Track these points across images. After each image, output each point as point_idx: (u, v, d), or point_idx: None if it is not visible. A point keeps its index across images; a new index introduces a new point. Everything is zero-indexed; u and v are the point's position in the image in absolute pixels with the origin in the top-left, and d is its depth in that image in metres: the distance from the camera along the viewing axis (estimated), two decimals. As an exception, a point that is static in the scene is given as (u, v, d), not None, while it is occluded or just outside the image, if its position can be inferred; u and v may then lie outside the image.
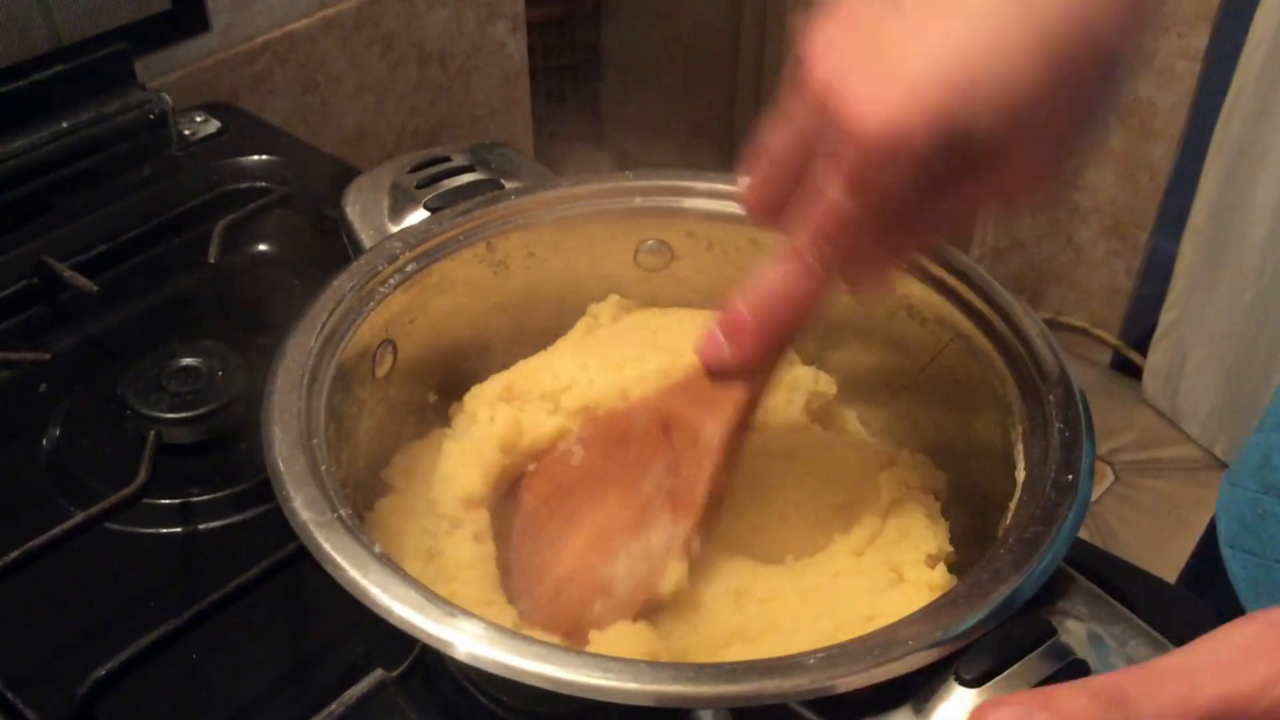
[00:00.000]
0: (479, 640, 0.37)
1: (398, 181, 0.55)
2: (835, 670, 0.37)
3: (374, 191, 0.54)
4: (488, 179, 0.56)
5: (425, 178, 0.55)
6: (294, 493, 0.40)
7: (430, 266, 0.51)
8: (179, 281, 0.75)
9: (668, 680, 0.36)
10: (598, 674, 0.36)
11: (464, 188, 0.54)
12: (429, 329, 0.53)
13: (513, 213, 0.53)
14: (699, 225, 0.55)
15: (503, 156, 0.57)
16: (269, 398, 0.44)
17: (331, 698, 0.47)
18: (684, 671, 0.36)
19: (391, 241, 0.51)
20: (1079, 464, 0.43)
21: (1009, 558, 0.40)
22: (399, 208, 0.54)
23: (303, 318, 0.47)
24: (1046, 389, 0.46)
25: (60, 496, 0.62)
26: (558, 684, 0.36)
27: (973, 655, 0.38)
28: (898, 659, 0.37)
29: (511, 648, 0.36)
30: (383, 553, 0.39)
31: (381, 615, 0.37)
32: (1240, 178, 1.61)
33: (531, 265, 0.55)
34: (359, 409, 0.49)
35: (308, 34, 0.95)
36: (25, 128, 0.76)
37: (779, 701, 0.36)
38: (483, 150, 0.57)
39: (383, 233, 0.53)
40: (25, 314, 0.71)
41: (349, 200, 0.54)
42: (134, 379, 0.64)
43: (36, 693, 0.51)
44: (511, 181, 0.55)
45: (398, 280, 0.50)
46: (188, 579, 0.59)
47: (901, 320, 0.53)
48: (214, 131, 0.83)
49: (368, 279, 0.49)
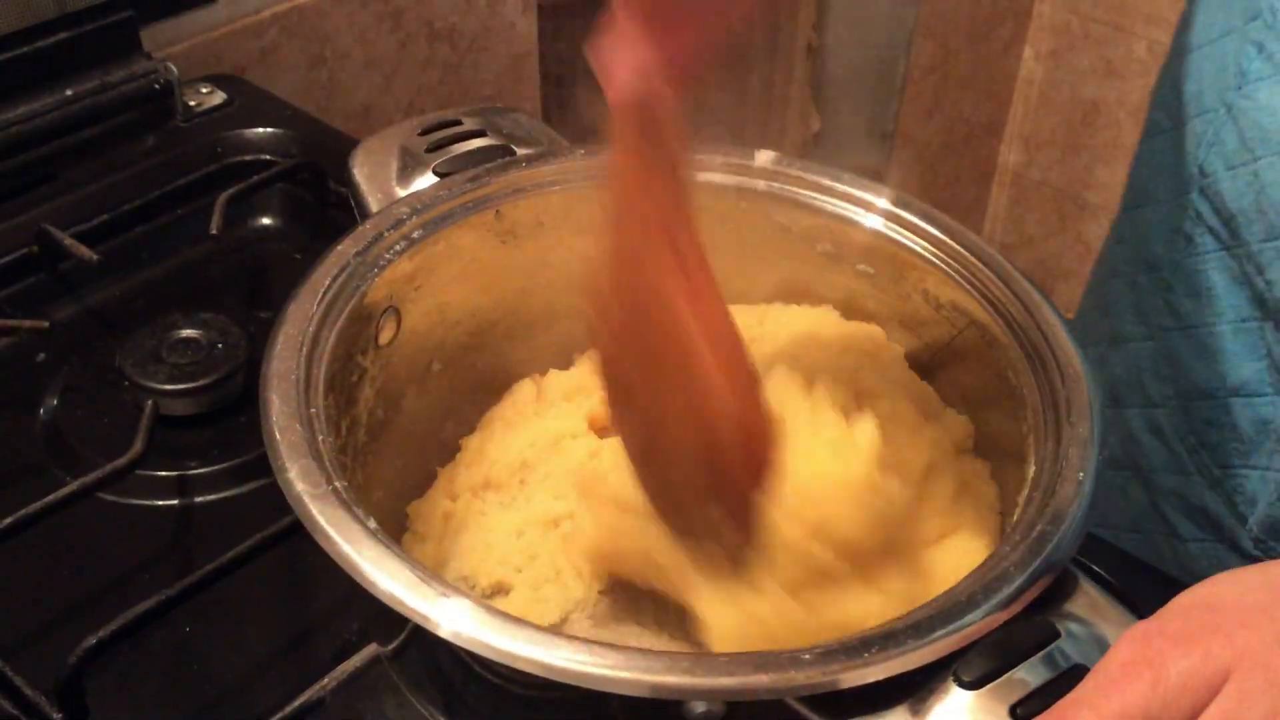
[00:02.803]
0: (466, 620, 0.36)
1: (407, 145, 0.54)
2: (832, 666, 0.36)
3: (383, 154, 0.53)
4: (498, 144, 0.55)
5: (435, 141, 0.54)
6: (289, 463, 0.40)
7: (437, 233, 0.51)
8: (181, 253, 0.75)
9: (662, 670, 0.35)
10: (590, 661, 0.35)
11: (474, 153, 0.53)
12: (434, 297, 0.52)
13: (523, 180, 0.53)
14: (712, 199, 0.54)
15: (514, 122, 0.56)
16: (267, 364, 0.43)
17: (324, 673, 0.46)
18: (679, 661, 0.36)
19: (398, 206, 0.50)
20: (1090, 464, 0.42)
21: (1014, 556, 0.39)
22: (407, 171, 0.53)
23: (305, 283, 0.46)
24: (1062, 384, 0.45)
25: (55, 466, 0.61)
26: (548, 670, 0.35)
27: (973, 656, 0.37)
28: (896, 657, 0.36)
29: (499, 630, 0.36)
30: (376, 528, 0.38)
31: (370, 590, 0.37)
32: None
33: (540, 235, 0.54)
34: (360, 377, 0.48)
35: (316, 8, 0.94)
36: (29, 94, 0.76)
37: (774, 696, 0.36)
38: (494, 115, 0.56)
39: (390, 196, 0.52)
40: (25, 282, 0.70)
41: (357, 162, 0.53)
42: (133, 349, 0.63)
43: (26, 661, 0.50)
44: (523, 148, 0.54)
45: (403, 246, 0.49)
46: (182, 552, 0.59)
47: (917, 304, 0.52)
48: (219, 103, 0.82)
49: (373, 244, 0.49)
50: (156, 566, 0.57)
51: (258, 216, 0.78)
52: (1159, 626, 0.35)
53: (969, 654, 0.37)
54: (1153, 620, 0.36)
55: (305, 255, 0.75)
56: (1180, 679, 0.34)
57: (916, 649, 0.36)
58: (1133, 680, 0.34)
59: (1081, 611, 0.39)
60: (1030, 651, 0.38)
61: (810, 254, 0.54)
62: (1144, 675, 0.34)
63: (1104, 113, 1.80)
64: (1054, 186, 1.92)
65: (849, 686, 0.36)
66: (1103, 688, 0.34)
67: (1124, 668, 0.34)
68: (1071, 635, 0.38)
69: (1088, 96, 1.81)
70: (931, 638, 0.37)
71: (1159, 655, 0.34)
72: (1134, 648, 0.35)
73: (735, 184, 0.54)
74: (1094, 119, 1.82)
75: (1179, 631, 0.35)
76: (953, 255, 0.50)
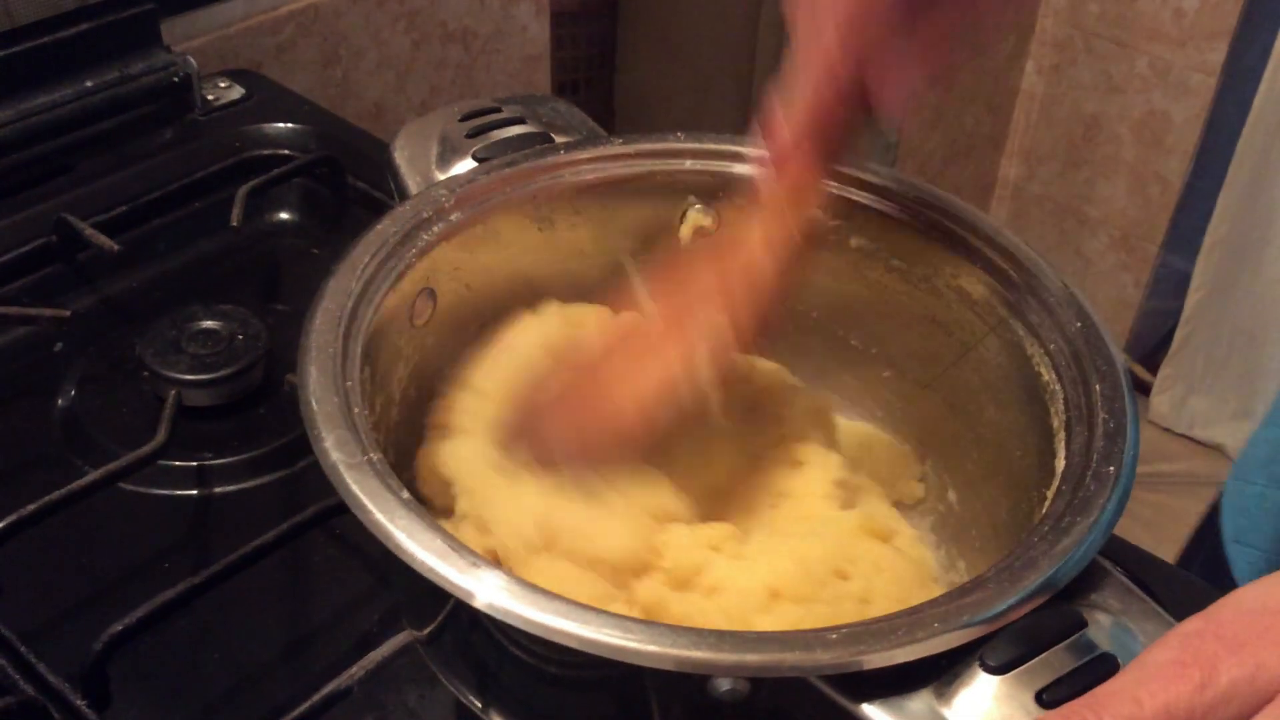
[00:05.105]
0: (501, 592, 0.36)
1: (447, 130, 0.54)
2: (858, 647, 0.36)
3: (423, 138, 0.53)
4: (538, 132, 0.55)
5: (474, 128, 0.54)
6: (325, 433, 0.40)
7: (475, 217, 0.51)
8: (198, 245, 0.75)
9: (688, 645, 0.35)
10: (617, 634, 0.35)
11: (513, 139, 0.53)
12: (470, 280, 0.52)
13: (560, 167, 0.53)
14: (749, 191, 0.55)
15: (554, 110, 0.56)
16: (306, 337, 0.43)
17: (346, 663, 0.47)
18: (705, 637, 0.36)
19: (437, 189, 0.51)
20: (1122, 456, 0.42)
21: (1043, 546, 0.39)
22: (447, 156, 0.53)
23: (345, 259, 0.46)
24: (1094, 379, 0.45)
25: (74, 456, 0.61)
26: (578, 641, 0.35)
27: (999, 642, 0.37)
28: (922, 640, 0.36)
29: (533, 602, 0.36)
30: (410, 499, 0.38)
31: (405, 560, 0.37)
32: (1262, 189, 1.61)
33: (577, 223, 0.54)
34: (395, 355, 0.49)
35: (333, 7, 0.94)
36: (49, 85, 0.76)
37: (799, 675, 0.36)
38: (534, 103, 0.57)
39: (429, 180, 0.52)
40: (44, 271, 0.70)
41: (398, 145, 0.53)
42: (153, 340, 0.63)
43: (49, 647, 0.51)
44: (561, 135, 0.55)
45: (442, 229, 0.49)
46: (202, 542, 0.59)
47: (949, 301, 0.52)
48: (238, 98, 0.83)
49: (412, 225, 0.49)
50: (176, 556, 0.57)
51: (275, 211, 0.78)
52: (1214, 628, 0.34)
53: (995, 639, 0.37)
54: (1206, 619, 0.34)
55: (323, 250, 0.75)
56: (1230, 686, 0.32)
57: (943, 634, 0.36)
58: (1180, 680, 0.32)
59: (1108, 601, 0.39)
60: (1057, 638, 0.37)
61: (844, 248, 0.54)
62: (1192, 676, 0.32)
63: (1105, 128, 1.82)
64: (1055, 201, 1.93)
65: (874, 668, 0.36)
66: (1146, 682, 0.33)
67: (1172, 665, 0.33)
68: (1098, 624, 0.38)
69: (1089, 111, 1.82)
70: (958, 623, 0.37)
71: (1211, 658, 0.33)
72: (1185, 645, 0.33)
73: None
74: (1095, 134, 1.83)
75: (1235, 636, 0.33)
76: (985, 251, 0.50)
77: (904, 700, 0.37)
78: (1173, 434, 1.85)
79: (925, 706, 0.36)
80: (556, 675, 0.41)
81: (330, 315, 0.44)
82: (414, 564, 0.37)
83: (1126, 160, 1.81)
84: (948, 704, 0.36)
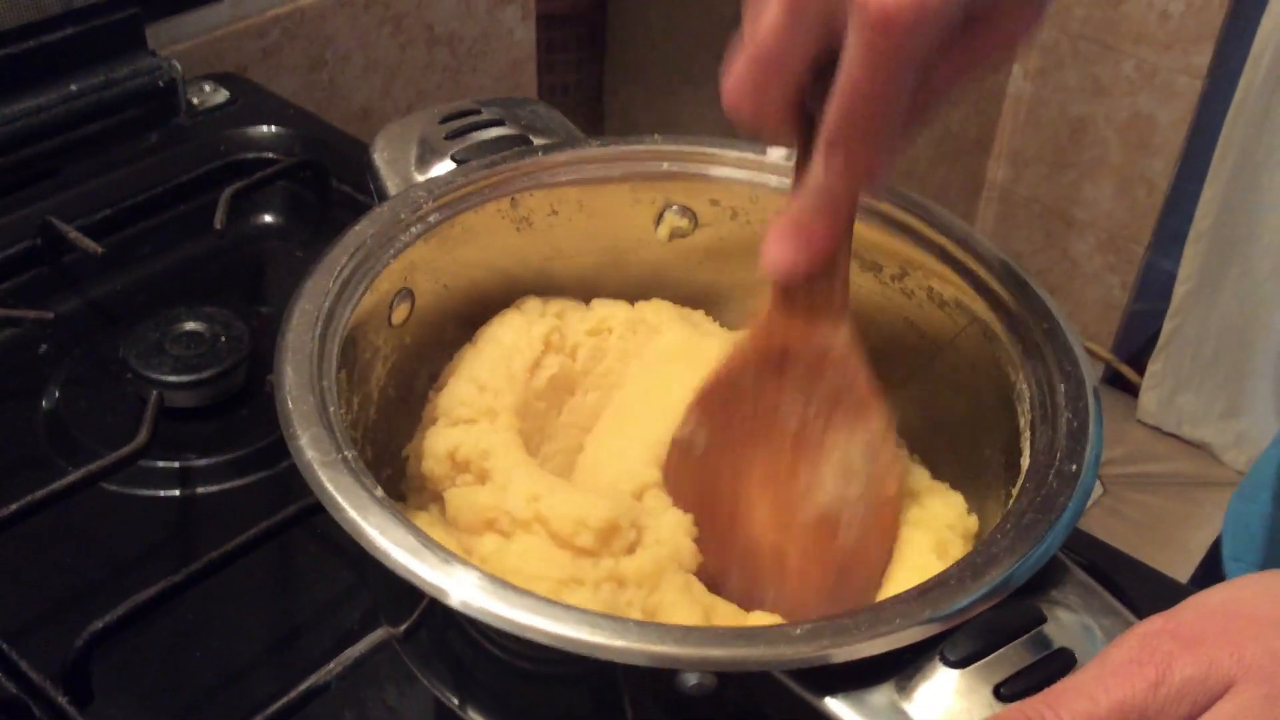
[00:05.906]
0: (474, 589, 0.37)
1: (426, 132, 0.55)
2: (822, 642, 0.37)
3: (403, 140, 0.54)
4: (516, 134, 0.55)
5: (454, 130, 0.55)
6: (300, 431, 0.40)
7: (453, 218, 0.51)
8: (183, 248, 0.75)
9: (654, 640, 0.36)
10: (586, 629, 0.36)
11: (492, 141, 0.54)
12: (448, 280, 0.53)
13: (538, 169, 0.53)
14: (725, 193, 0.55)
15: (533, 113, 0.57)
16: (283, 337, 0.44)
17: (325, 661, 0.47)
18: (671, 633, 0.37)
19: (415, 190, 0.51)
20: (1084, 455, 0.43)
21: (1004, 542, 0.40)
22: (426, 158, 0.54)
23: (322, 260, 0.47)
24: (1059, 379, 0.46)
25: (58, 457, 0.62)
26: (548, 637, 0.36)
27: (959, 636, 0.38)
28: (884, 635, 0.37)
29: (505, 599, 0.36)
30: (384, 496, 0.39)
31: (378, 558, 0.37)
32: (1246, 181, 1.62)
33: (555, 223, 0.55)
34: (373, 355, 0.49)
35: (318, 10, 0.95)
36: (34, 89, 0.76)
37: (763, 669, 0.37)
38: (514, 105, 0.57)
39: (408, 181, 0.53)
40: (29, 274, 0.71)
41: (378, 147, 0.54)
42: (136, 341, 0.64)
43: (31, 645, 0.51)
44: (540, 138, 0.55)
45: (420, 229, 0.50)
46: (184, 541, 0.59)
47: (920, 302, 0.53)
48: (223, 101, 0.83)
49: (389, 226, 0.49)
50: (158, 556, 0.58)
51: (260, 214, 0.78)
52: (1173, 627, 0.35)
53: (956, 634, 0.38)
54: (1167, 618, 0.35)
55: (306, 252, 0.76)
56: (1183, 685, 0.33)
57: (905, 629, 0.37)
58: (1135, 677, 0.34)
59: (1068, 597, 0.40)
60: (1016, 633, 0.38)
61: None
62: (1147, 674, 0.34)
63: (1091, 130, 1.82)
64: (1041, 203, 1.94)
65: (838, 662, 0.37)
66: (1103, 679, 0.34)
67: (1129, 664, 0.34)
68: (1058, 620, 0.39)
69: (1075, 114, 1.83)
70: (920, 619, 0.37)
71: (1166, 657, 0.34)
72: (1143, 644, 0.34)
73: (747, 179, 0.55)
74: (1081, 136, 1.84)
75: (1191, 635, 0.34)
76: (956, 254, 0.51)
77: (866, 694, 0.37)
78: (1161, 434, 1.86)
79: (886, 700, 0.37)
80: (530, 671, 0.42)
81: (307, 315, 0.44)
82: (386, 561, 0.37)
83: (1113, 162, 1.82)
84: (908, 697, 0.37)
